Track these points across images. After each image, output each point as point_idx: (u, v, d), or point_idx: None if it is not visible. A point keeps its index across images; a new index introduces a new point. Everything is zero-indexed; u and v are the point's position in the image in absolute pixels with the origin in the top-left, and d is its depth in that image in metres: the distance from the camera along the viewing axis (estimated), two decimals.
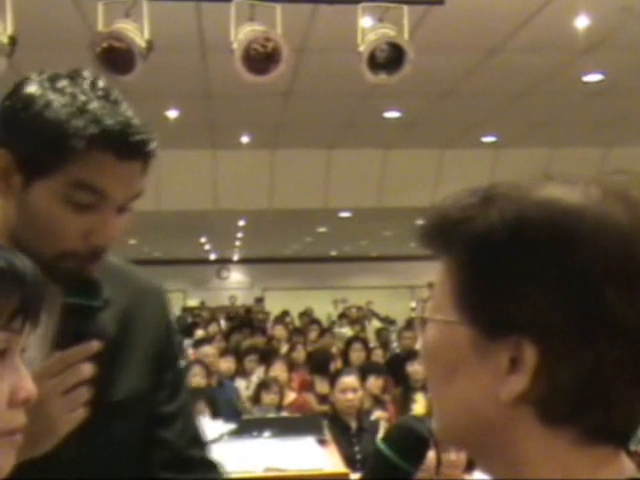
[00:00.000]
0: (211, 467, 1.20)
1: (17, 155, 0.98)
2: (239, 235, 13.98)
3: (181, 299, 18.02)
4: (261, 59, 4.11)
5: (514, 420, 0.60)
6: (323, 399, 5.35)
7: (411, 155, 8.56)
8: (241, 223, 11.96)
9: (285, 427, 3.47)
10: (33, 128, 0.98)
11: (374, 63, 4.25)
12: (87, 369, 0.95)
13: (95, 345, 0.95)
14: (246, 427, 3.52)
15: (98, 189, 0.97)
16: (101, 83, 1.03)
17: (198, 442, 1.20)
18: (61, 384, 0.93)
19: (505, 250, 0.60)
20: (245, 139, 7.98)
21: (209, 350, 5.95)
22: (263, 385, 5.10)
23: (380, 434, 3.54)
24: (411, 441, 0.99)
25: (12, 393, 0.72)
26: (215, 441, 3.37)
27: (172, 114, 6.88)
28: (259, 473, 3.13)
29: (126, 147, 0.98)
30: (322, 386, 5.62)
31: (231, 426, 3.57)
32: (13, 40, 3.97)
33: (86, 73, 1.05)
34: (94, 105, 0.98)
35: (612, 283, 0.57)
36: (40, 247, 0.97)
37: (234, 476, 3.09)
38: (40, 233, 0.98)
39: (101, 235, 0.99)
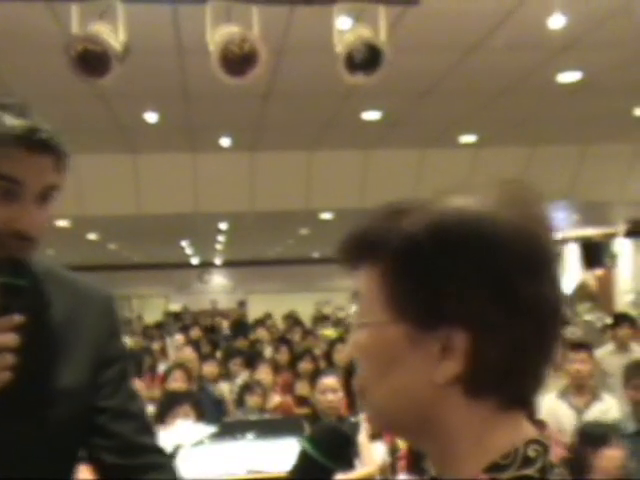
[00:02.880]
0: (159, 453, 1.34)
1: None
2: (220, 239, 13.93)
3: (163, 304, 17.93)
4: (238, 61, 4.10)
5: (443, 399, 0.69)
6: (302, 401, 5.34)
7: (391, 155, 8.57)
8: (222, 226, 11.92)
9: (267, 429, 3.45)
10: None
11: (351, 64, 4.25)
12: (10, 338, 1.07)
13: (17, 318, 1.09)
14: (227, 429, 3.50)
15: (14, 178, 1.15)
16: (18, 105, 1.21)
17: (145, 431, 1.33)
18: None
19: (426, 253, 0.68)
20: (224, 141, 7.95)
21: (190, 354, 5.91)
22: (246, 388, 5.08)
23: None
24: (335, 440, 1.01)
25: None
26: (197, 444, 3.35)
27: (150, 117, 6.84)
28: (241, 475, 3.11)
29: (34, 143, 1.16)
30: (303, 388, 5.61)
31: (213, 429, 3.55)
32: None
33: (11, 100, 1.22)
34: (10, 115, 1.17)
35: (519, 271, 0.68)
36: None
37: (217, 479, 3.07)
38: None
39: (23, 222, 1.15)
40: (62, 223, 10.59)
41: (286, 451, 3.23)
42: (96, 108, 6.50)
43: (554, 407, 4.30)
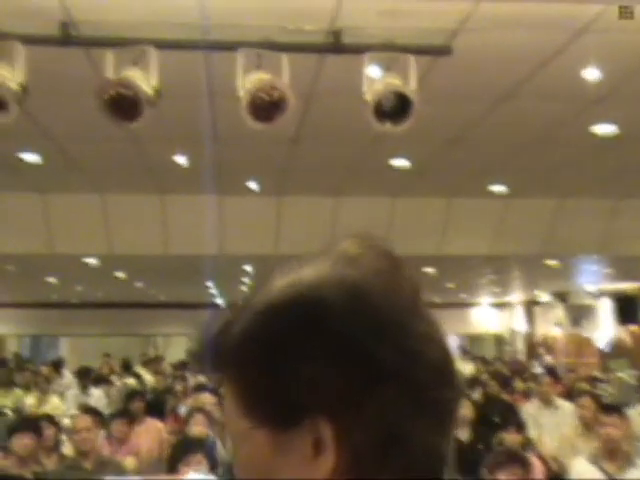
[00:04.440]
0: None
1: None
2: (246, 280, 13.92)
3: (187, 343, 17.89)
4: (267, 107, 4.11)
5: None
6: None
7: (419, 203, 8.52)
8: (247, 268, 11.91)
9: None
10: None
11: (380, 112, 4.24)
12: None
13: None
14: None
15: None
16: None
17: None
18: None
19: (262, 344, 0.62)
20: (252, 185, 7.98)
21: (207, 398, 5.82)
22: None
23: None
24: None
25: None
26: None
27: (180, 159, 6.89)
28: None
29: None
30: None
31: None
32: (24, 87, 3.99)
33: None
34: None
35: (372, 337, 0.61)
36: None
37: None
38: None
39: None
40: (91, 261, 10.67)
41: None
42: (127, 149, 6.57)
43: (585, 472, 4.13)
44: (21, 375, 11.31)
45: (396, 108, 4.28)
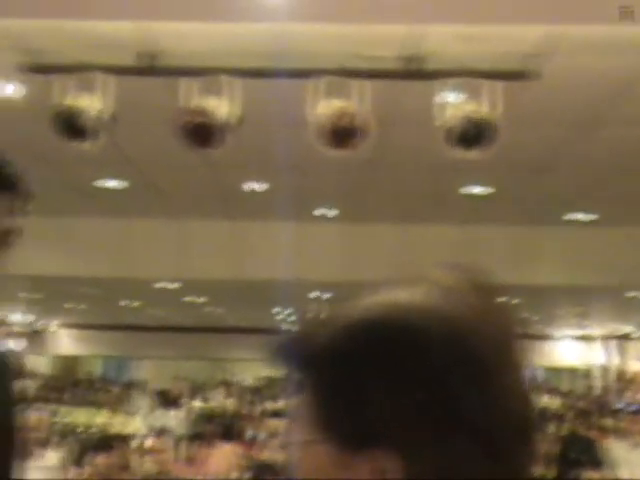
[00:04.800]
0: None
1: None
2: (314, 307, 13.94)
3: (257, 368, 18.00)
4: (344, 134, 4.12)
5: None
6: None
7: (494, 231, 8.36)
8: (316, 294, 11.93)
9: None
10: None
11: (456, 139, 4.19)
12: None
13: None
14: None
15: None
16: None
17: None
18: None
19: (348, 362, 0.61)
20: (326, 211, 8.00)
21: (277, 423, 5.87)
22: None
23: None
24: None
25: None
26: None
27: (255, 186, 6.98)
28: None
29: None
30: None
31: None
32: (111, 116, 4.13)
33: None
34: None
35: (460, 379, 0.58)
36: None
37: None
38: None
39: None
40: (166, 285, 10.89)
41: None
42: (204, 176, 6.70)
43: None
44: (94, 395, 11.59)
45: (474, 135, 4.22)
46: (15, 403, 1.24)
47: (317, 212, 8.03)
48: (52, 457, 5.41)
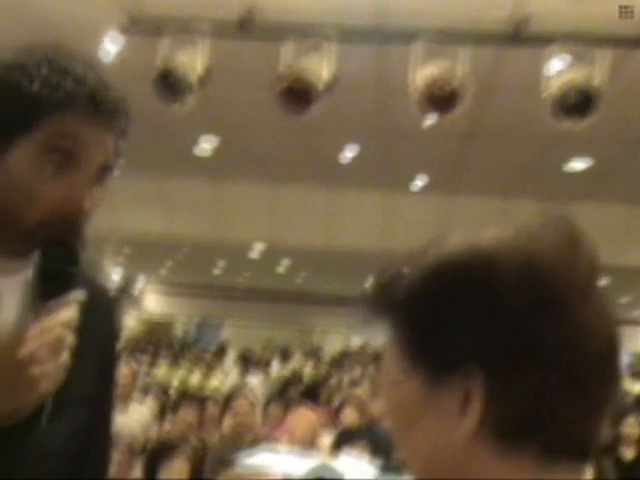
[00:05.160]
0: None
1: None
2: None
3: (344, 338, 18.11)
4: (441, 99, 4.00)
5: (474, 456, 0.63)
6: None
7: (595, 209, 8.01)
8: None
9: None
10: (11, 88, 1.01)
11: (561, 108, 3.99)
12: (69, 336, 0.98)
13: (73, 313, 0.99)
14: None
15: (71, 153, 1.01)
16: (85, 61, 1.06)
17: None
18: (48, 333, 0.96)
19: (437, 296, 0.65)
20: (419, 181, 7.87)
21: (362, 391, 5.88)
22: None
23: None
24: None
25: None
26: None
27: (348, 153, 6.93)
28: None
29: (101, 115, 1.01)
30: None
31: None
32: (207, 73, 4.14)
33: (68, 52, 1.06)
34: (75, 73, 1.02)
35: (538, 313, 0.61)
36: (19, 216, 1.01)
37: None
38: (16, 203, 1.01)
39: (74, 203, 1.01)
40: (257, 248, 11.04)
41: None
42: (298, 141, 6.69)
43: None
44: (183, 356, 11.93)
45: (579, 105, 4.01)
46: (119, 337, 1.26)
47: (411, 182, 7.90)
48: (139, 410, 5.59)
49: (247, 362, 11.69)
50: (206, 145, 7.21)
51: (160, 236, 9.47)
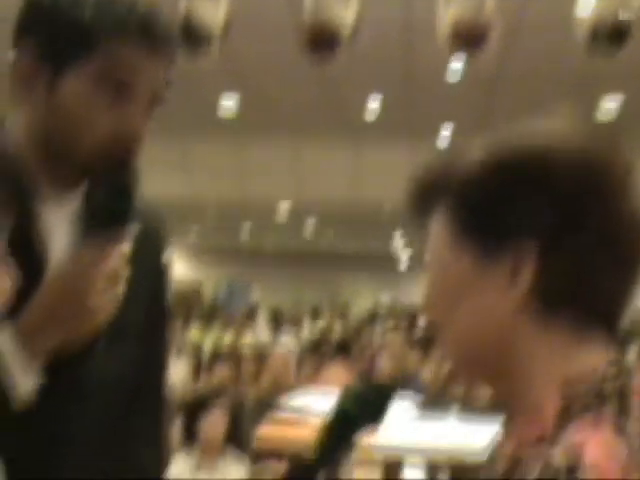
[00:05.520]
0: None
1: (44, 48, 0.99)
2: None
3: (371, 296, 18.14)
4: (468, 39, 3.89)
5: (518, 322, 0.69)
6: None
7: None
8: None
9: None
10: (62, 16, 0.99)
11: (593, 40, 3.86)
12: (124, 269, 0.98)
13: (127, 247, 0.98)
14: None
15: (125, 81, 0.99)
16: None
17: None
18: (105, 265, 0.96)
19: (493, 174, 0.70)
20: (445, 131, 7.75)
21: (395, 338, 5.97)
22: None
23: None
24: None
25: None
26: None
27: (373, 103, 6.82)
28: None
29: (153, 42, 1.00)
30: None
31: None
32: (227, 24, 4.05)
33: None
34: (124, 0, 1.00)
35: (585, 190, 0.68)
36: (73, 147, 0.99)
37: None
38: (70, 134, 0.99)
39: (132, 131, 1.00)
40: (283, 207, 11.00)
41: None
42: (322, 93, 6.60)
43: None
44: (217, 320, 12.03)
45: (612, 37, 3.88)
46: (168, 273, 1.24)
47: (438, 132, 7.78)
48: (177, 365, 5.65)
49: (278, 321, 11.77)
50: (229, 102, 7.14)
51: (183, 200, 9.47)
